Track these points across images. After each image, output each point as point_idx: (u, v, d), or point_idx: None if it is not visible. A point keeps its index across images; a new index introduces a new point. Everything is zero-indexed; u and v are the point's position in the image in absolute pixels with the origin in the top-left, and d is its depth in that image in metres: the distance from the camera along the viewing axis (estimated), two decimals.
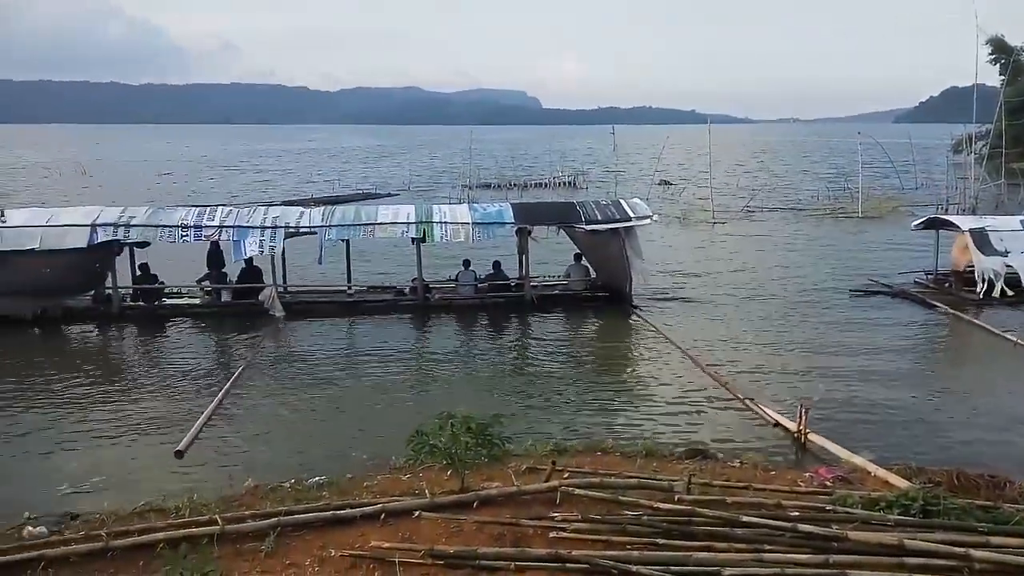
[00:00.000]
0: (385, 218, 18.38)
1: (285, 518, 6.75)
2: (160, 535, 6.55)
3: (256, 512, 7.03)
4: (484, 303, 18.55)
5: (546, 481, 7.51)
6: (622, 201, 19.50)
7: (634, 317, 17.76)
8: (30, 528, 7.65)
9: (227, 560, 6.29)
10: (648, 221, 18.76)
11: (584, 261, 19.47)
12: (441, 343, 16.34)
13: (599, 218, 18.32)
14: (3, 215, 17.83)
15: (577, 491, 7.21)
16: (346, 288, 19.32)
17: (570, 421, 11.52)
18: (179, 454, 10.20)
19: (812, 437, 10.18)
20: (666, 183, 50.81)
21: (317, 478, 8.83)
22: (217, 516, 6.78)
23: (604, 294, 18.92)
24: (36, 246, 16.94)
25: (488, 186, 51.63)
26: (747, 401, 11.86)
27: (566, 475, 7.94)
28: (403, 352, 15.67)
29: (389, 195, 47.23)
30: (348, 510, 6.92)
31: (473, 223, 18.12)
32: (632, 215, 18.39)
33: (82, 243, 17.04)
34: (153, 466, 10.07)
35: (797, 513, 6.75)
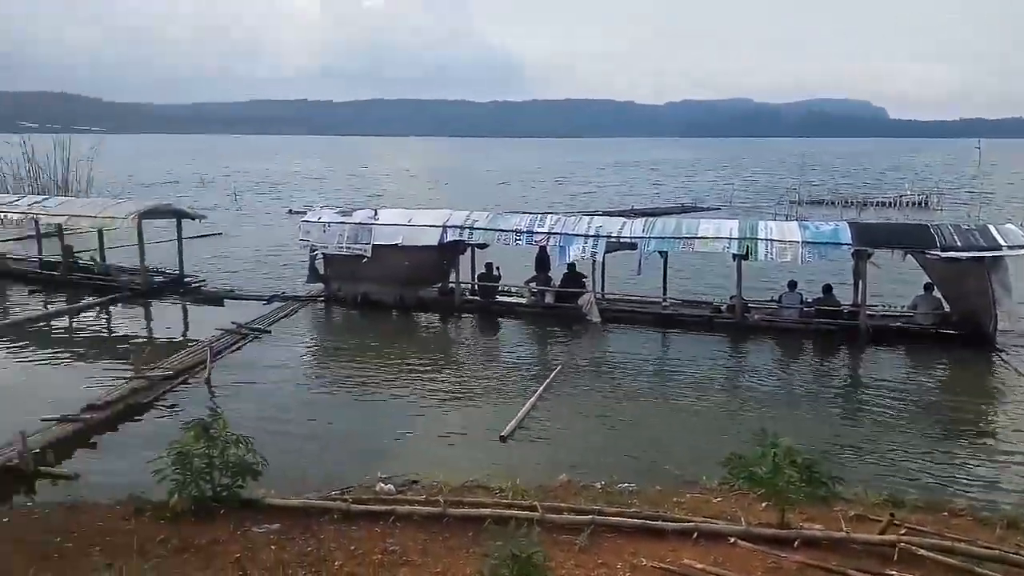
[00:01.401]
0: (706, 232, 18.03)
1: (599, 518, 6.93)
2: (487, 511, 7.14)
3: (572, 507, 7.32)
4: (809, 329, 17.25)
5: (881, 533, 6.71)
6: (991, 227, 16.76)
7: (996, 361, 15.18)
8: (381, 484, 8.87)
9: (545, 546, 6.61)
10: None
11: (936, 293, 17.10)
12: (758, 366, 15.55)
13: (959, 244, 15.96)
14: (376, 214, 20.94)
15: (921, 552, 6.32)
16: (661, 300, 19.34)
17: (908, 471, 10.19)
18: (503, 439, 11.06)
19: None
20: None
21: (627, 484, 8.94)
22: (537, 503, 7.18)
23: (958, 332, 16.45)
24: (399, 242, 19.66)
25: (820, 203, 48.12)
26: None
27: (903, 531, 7.02)
28: (715, 371, 15.22)
29: (709, 209, 46.38)
30: (660, 522, 6.88)
31: (803, 242, 16.95)
32: (1003, 243, 15.73)
33: (434, 241, 19.35)
34: (480, 446, 11.05)
35: None
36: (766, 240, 17.23)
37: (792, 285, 17.80)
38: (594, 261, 18.61)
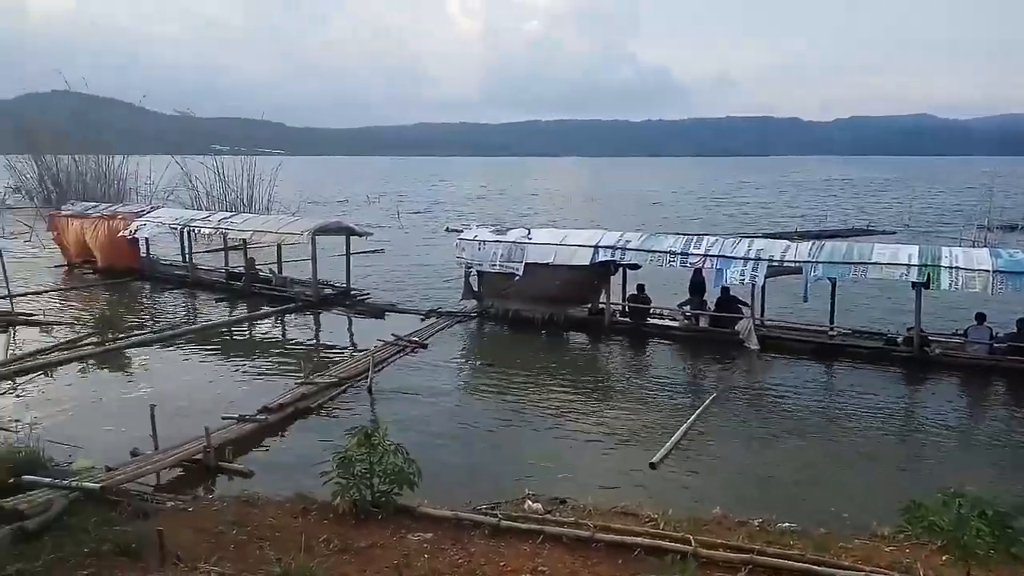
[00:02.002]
0: (881, 257, 16.78)
1: (758, 557, 6.55)
2: (639, 539, 6.95)
3: (728, 543, 6.97)
4: (1001, 367, 15.55)
5: None
6: None
7: None
8: (530, 503, 8.90)
9: None
10: None
11: None
12: (940, 406, 14.18)
13: None
14: (530, 233, 21.25)
15: None
16: (828, 329, 18.15)
17: None
18: (653, 466, 10.78)
19: None
20: None
21: (787, 524, 8.41)
22: (690, 536, 6.91)
23: None
24: (551, 261, 19.82)
25: (1013, 228, 43.52)
26: None
27: None
28: (888, 408, 14.03)
29: (884, 232, 43.19)
30: (826, 568, 6.39)
31: (995, 271, 15.35)
32: None
33: (585, 261, 19.33)
34: (628, 471, 10.81)
35: None
36: (951, 268, 15.78)
37: (980, 318, 16.17)
38: (753, 286, 17.84)
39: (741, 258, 17.77)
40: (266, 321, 21.24)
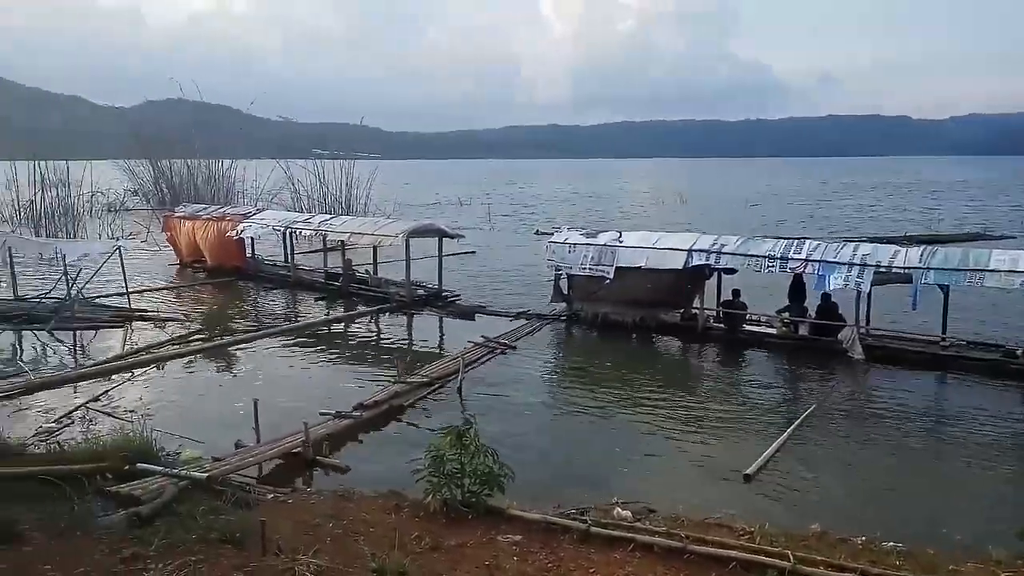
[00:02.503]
0: (1000, 264, 15.71)
1: None
2: (733, 553, 6.74)
3: (829, 561, 6.67)
4: None
5: None
6: None
7: None
8: (619, 510, 8.78)
9: None
10: None
11: None
12: None
13: None
14: (621, 236, 21.00)
15: None
16: (939, 339, 17.12)
17: None
18: (747, 478, 10.45)
19: None
20: None
21: (893, 543, 7.97)
22: (788, 552, 6.65)
23: None
24: (643, 264, 19.52)
25: None
26: None
27: None
28: (1004, 424, 13.09)
29: (1003, 237, 40.43)
30: None
31: None
32: None
33: (678, 265, 18.93)
34: (720, 482, 10.54)
35: None
36: None
37: None
38: (858, 293, 17.03)
39: (845, 263, 17.01)
40: (362, 320, 21.85)
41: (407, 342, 19.96)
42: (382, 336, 20.52)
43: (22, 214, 43.75)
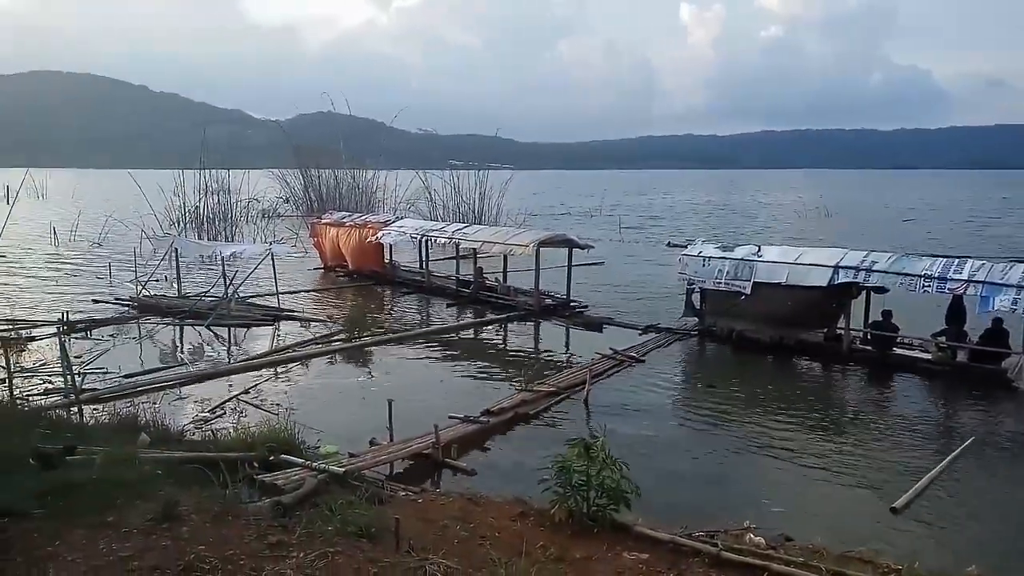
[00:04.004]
0: None
1: None
2: None
3: None
4: None
5: None
6: None
7: None
8: (751, 536, 8.39)
9: None
10: None
11: None
12: None
13: None
14: (760, 250, 20.17)
15: None
16: None
17: None
18: (895, 511, 9.73)
19: None
20: None
21: None
22: None
23: None
24: (783, 280, 18.65)
25: None
26: None
27: None
28: None
29: None
30: None
31: None
32: None
33: (822, 282, 17.93)
34: (863, 514, 9.88)
35: None
36: None
37: None
38: None
39: (1015, 285, 15.51)
40: (490, 327, 22.22)
41: (534, 351, 20.09)
42: (509, 344, 20.76)
43: (188, 219, 47.77)
